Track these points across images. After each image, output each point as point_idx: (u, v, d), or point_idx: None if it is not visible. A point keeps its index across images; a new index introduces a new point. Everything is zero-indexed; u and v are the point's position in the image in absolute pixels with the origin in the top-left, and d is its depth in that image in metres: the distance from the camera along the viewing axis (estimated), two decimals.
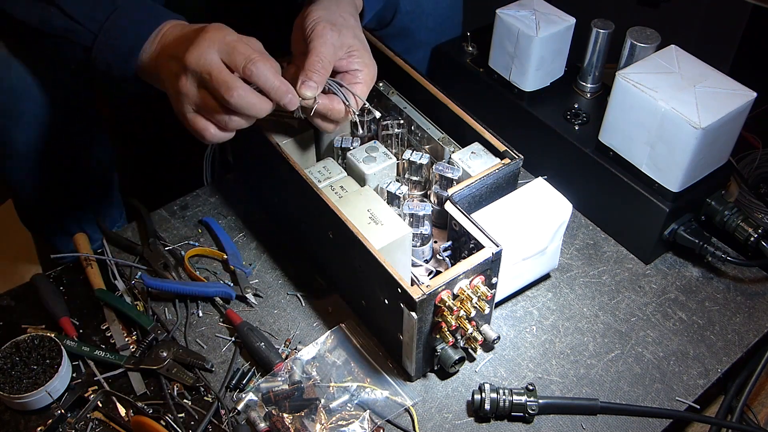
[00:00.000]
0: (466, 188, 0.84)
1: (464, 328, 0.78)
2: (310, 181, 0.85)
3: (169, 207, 1.06)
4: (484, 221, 0.82)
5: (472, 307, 0.76)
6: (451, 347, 0.82)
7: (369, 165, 0.88)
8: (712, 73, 0.90)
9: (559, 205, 0.87)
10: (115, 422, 0.81)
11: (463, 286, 0.77)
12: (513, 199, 0.87)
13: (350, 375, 0.86)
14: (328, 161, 0.90)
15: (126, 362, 0.85)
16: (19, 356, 0.82)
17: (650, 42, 0.96)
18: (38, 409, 0.82)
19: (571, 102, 1.06)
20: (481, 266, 0.77)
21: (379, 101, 1.00)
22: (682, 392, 0.85)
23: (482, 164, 0.88)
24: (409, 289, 0.73)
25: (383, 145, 0.92)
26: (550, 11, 1.03)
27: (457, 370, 0.86)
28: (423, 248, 0.90)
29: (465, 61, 1.14)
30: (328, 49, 0.80)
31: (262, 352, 0.85)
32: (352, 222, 0.80)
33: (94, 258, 0.96)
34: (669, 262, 0.99)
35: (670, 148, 0.88)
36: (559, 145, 1.02)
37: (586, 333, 0.91)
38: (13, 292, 0.95)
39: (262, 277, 0.97)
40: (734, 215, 0.94)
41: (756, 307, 0.94)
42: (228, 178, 1.10)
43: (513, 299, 0.94)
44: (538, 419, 0.82)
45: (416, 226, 0.87)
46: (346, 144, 0.92)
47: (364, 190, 0.86)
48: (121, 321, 0.91)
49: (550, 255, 0.91)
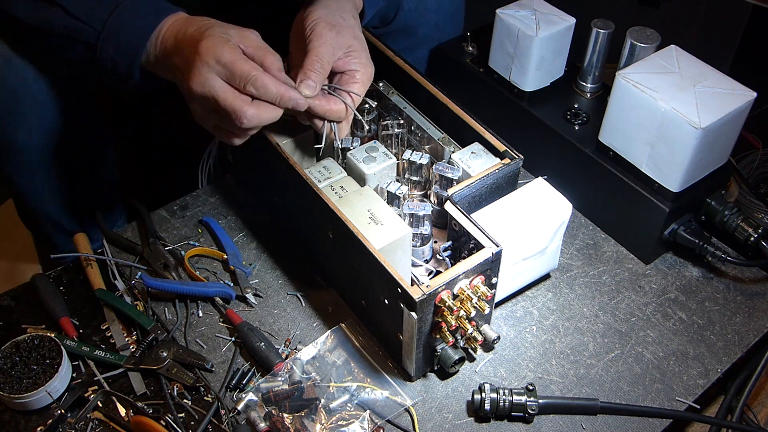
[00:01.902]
0: (466, 188, 0.84)
1: (464, 328, 0.78)
2: (310, 181, 0.85)
3: (169, 207, 1.06)
4: (484, 221, 0.82)
5: (472, 307, 0.76)
6: (451, 347, 0.82)
7: (369, 165, 0.88)
8: (712, 73, 0.90)
9: (559, 205, 0.87)
10: (115, 422, 0.81)
11: (463, 286, 0.77)
12: (513, 199, 0.87)
13: (350, 375, 0.86)
14: (328, 161, 0.90)
15: (126, 362, 0.85)
16: (19, 356, 0.82)
17: (650, 42, 0.96)
18: (38, 409, 0.82)
19: (571, 102, 1.06)
20: (481, 266, 0.77)
21: (379, 101, 1.00)
22: (682, 392, 0.85)
23: (482, 164, 0.88)
24: (409, 289, 0.73)
25: (383, 145, 0.92)
26: (550, 11, 1.03)
27: (457, 370, 0.86)
28: (423, 248, 0.90)
29: (465, 61, 1.14)
30: (326, 49, 0.81)
31: (262, 352, 0.85)
32: (352, 222, 0.80)
33: (94, 258, 0.96)
34: (669, 262, 0.99)
35: (670, 148, 0.88)
36: (559, 145, 1.02)
37: (586, 333, 0.91)
38: (13, 292, 0.95)
39: (262, 277, 0.97)
40: (734, 215, 0.94)
41: (756, 307, 0.94)
42: (228, 178, 1.10)
43: (513, 299, 0.94)
44: (538, 419, 0.82)
45: (416, 226, 0.87)
46: (346, 144, 0.92)
47: (364, 190, 0.86)
48: (121, 321, 0.91)
49: (550, 255, 0.91)
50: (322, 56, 0.80)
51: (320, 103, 0.82)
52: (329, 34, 0.81)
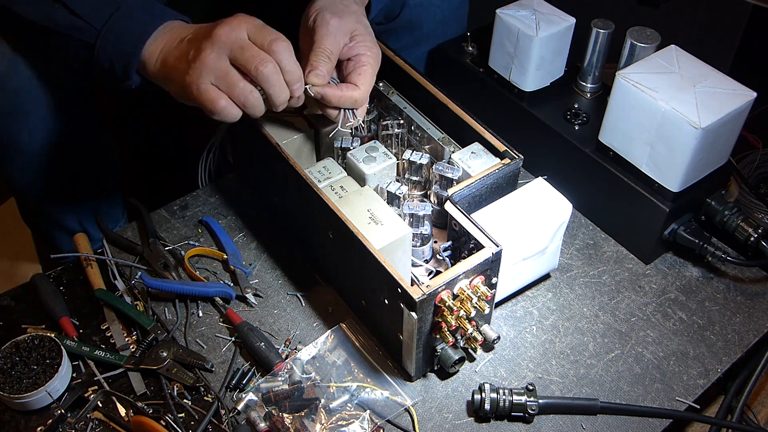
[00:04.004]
0: (466, 188, 0.84)
1: (464, 328, 0.78)
2: (310, 181, 0.85)
3: (169, 207, 1.06)
4: (484, 221, 0.82)
5: (472, 307, 0.76)
6: (451, 347, 0.82)
7: (369, 165, 0.88)
8: (712, 73, 0.90)
9: (559, 205, 0.87)
10: (115, 422, 0.81)
11: (463, 286, 0.77)
12: (513, 199, 0.87)
13: (350, 375, 0.86)
14: (328, 161, 0.90)
15: (126, 362, 0.85)
16: (19, 356, 0.82)
17: (650, 42, 0.96)
18: (38, 409, 0.82)
19: (571, 102, 1.06)
20: (481, 266, 0.77)
21: (379, 101, 1.00)
22: (682, 392, 0.85)
23: (482, 164, 0.88)
24: (409, 289, 0.73)
25: (383, 145, 0.92)
26: (550, 11, 1.03)
27: (457, 370, 0.86)
28: (423, 248, 0.90)
29: (465, 61, 1.14)
30: (331, 37, 0.82)
31: (262, 352, 0.85)
32: (352, 222, 0.80)
33: (94, 258, 0.96)
34: (669, 262, 0.99)
35: (670, 148, 0.88)
36: (559, 145, 1.02)
37: (586, 333, 0.91)
38: (13, 292, 0.95)
39: (262, 277, 0.97)
40: (734, 215, 0.94)
41: (756, 307, 0.94)
42: (228, 178, 1.10)
43: (513, 299, 0.94)
44: (538, 419, 0.82)
45: (416, 226, 0.87)
46: (346, 144, 0.92)
47: (364, 190, 0.86)
48: (121, 321, 0.91)
49: (550, 255, 0.91)
50: (327, 45, 0.81)
51: (333, 92, 0.82)
52: (332, 21, 0.82)
